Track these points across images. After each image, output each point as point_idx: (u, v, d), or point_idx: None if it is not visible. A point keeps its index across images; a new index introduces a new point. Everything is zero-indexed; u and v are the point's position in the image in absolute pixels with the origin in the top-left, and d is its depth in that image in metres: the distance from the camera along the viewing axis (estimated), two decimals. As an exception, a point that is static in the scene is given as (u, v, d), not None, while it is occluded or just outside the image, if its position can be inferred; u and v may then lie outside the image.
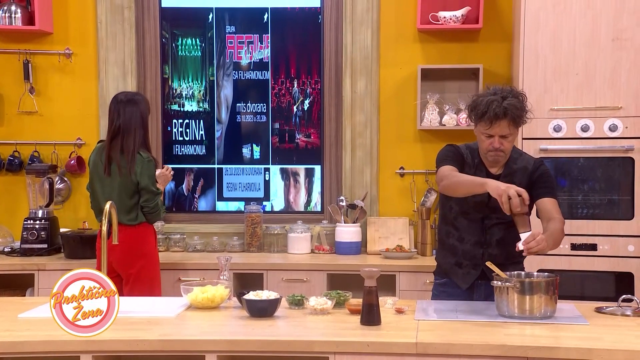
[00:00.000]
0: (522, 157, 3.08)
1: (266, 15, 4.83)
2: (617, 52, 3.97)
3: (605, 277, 4.04)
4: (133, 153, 3.84)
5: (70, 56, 4.76)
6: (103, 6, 4.71)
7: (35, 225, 4.45)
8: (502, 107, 2.85)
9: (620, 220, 4.02)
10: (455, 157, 3.05)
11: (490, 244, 3.03)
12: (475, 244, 3.04)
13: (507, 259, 3.00)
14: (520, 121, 2.91)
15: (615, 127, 4.00)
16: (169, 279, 4.17)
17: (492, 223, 3.02)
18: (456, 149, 3.09)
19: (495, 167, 3.03)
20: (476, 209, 3.02)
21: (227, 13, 4.87)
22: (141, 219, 3.90)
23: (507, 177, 3.00)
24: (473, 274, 3.06)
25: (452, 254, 3.11)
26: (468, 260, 3.06)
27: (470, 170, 3.02)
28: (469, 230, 3.05)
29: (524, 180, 3.00)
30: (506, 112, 2.85)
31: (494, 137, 2.91)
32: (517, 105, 2.87)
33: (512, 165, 3.03)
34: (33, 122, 4.78)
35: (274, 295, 2.82)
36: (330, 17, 4.77)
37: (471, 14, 4.48)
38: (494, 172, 3.03)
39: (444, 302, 3.03)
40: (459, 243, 3.08)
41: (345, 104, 4.69)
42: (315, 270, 4.19)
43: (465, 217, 3.05)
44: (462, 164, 3.03)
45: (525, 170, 3.03)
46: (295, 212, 4.85)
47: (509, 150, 2.98)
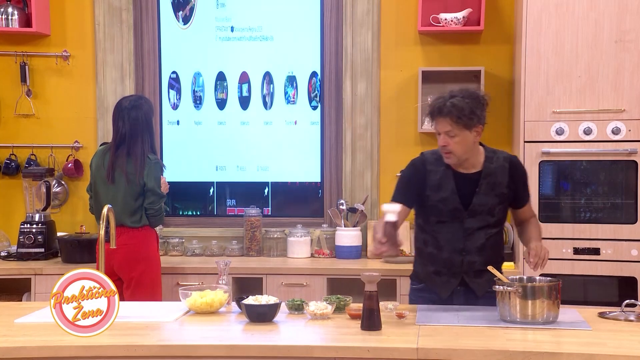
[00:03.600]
0: (496, 155, 3.03)
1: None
2: (620, 54, 3.94)
3: (609, 281, 4.00)
4: (142, 158, 3.83)
5: (67, 58, 4.73)
6: (101, 8, 4.69)
7: (32, 229, 4.42)
8: (443, 104, 2.85)
9: (623, 224, 3.98)
10: (407, 185, 3.02)
11: (470, 251, 2.99)
12: (453, 251, 2.99)
13: (485, 265, 2.95)
14: (463, 121, 2.84)
15: (619, 130, 3.97)
16: (167, 283, 4.14)
17: (472, 229, 2.98)
18: (411, 170, 3.04)
19: (462, 168, 2.97)
20: (453, 216, 2.97)
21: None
22: (145, 222, 3.89)
23: (487, 177, 2.98)
24: (453, 282, 3.02)
25: (431, 263, 3.05)
26: (447, 269, 3.01)
27: (435, 176, 2.97)
28: (448, 238, 2.99)
29: (505, 179, 2.99)
30: (442, 109, 2.84)
31: (441, 134, 2.90)
32: (460, 104, 2.83)
33: (490, 165, 2.99)
34: (30, 125, 4.76)
35: (274, 300, 2.79)
36: (330, 19, 4.74)
37: (472, 16, 4.45)
38: (465, 172, 2.97)
39: (445, 307, 3.00)
40: (437, 251, 3.02)
41: (346, 107, 4.67)
42: (315, 275, 4.16)
43: (443, 225, 2.99)
44: (421, 181, 2.98)
45: (504, 169, 2.99)
46: (295, 216, 4.81)
47: (460, 152, 2.90)
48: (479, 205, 2.96)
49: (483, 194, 2.96)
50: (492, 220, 2.99)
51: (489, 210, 2.97)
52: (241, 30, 4.84)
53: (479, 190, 2.96)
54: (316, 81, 4.82)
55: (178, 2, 4.87)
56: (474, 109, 2.86)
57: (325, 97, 4.79)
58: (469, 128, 2.86)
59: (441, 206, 2.96)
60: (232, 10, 4.84)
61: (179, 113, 4.91)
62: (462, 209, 2.95)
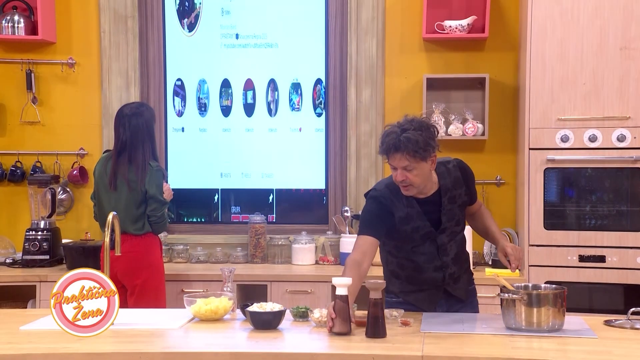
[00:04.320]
0: (446, 167, 2.99)
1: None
2: (625, 61, 3.93)
3: (614, 289, 3.99)
4: (144, 166, 3.84)
5: (73, 66, 4.75)
6: (106, 16, 4.70)
7: (37, 236, 4.42)
8: (397, 139, 2.79)
9: (629, 231, 3.97)
10: (374, 219, 2.92)
11: (448, 264, 3.01)
12: (434, 270, 3.00)
13: (462, 271, 3.05)
14: (419, 154, 2.78)
15: (624, 137, 3.96)
16: (172, 290, 4.14)
17: (444, 244, 2.99)
18: (376, 205, 2.93)
19: (421, 194, 2.93)
20: (426, 237, 2.96)
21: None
22: (147, 229, 3.89)
23: (446, 193, 2.95)
24: (437, 295, 3.04)
25: (411, 283, 3.04)
26: (429, 285, 3.02)
27: (400, 210, 2.92)
28: (425, 259, 2.99)
29: (462, 188, 2.99)
30: (399, 144, 2.77)
31: (397, 169, 2.84)
32: (414, 138, 2.76)
33: (445, 182, 2.96)
34: (35, 132, 4.77)
35: (278, 307, 2.79)
36: (335, 25, 4.75)
37: (477, 23, 4.45)
38: (425, 197, 2.93)
39: (450, 314, 2.99)
40: (417, 273, 3.01)
41: (350, 114, 4.67)
42: (320, 282, 4.16)
43: (418, 248, 2.98)
44: (388, 216, 2.91)
45: (458, 179, 2.99)
46: (300, 223, 4.81)
47: (419, 183, 2.85)
48: (447, 221, 2.97)
49: (448, 210, 2.96)
50: (459, 229, 3.04)
51: (457, 222, 3.01)
52: (246, 37, 4.86)
53: (444, 209, 2.96)
54: (321, 88, 4.83)
55: (183, 10, 4.89)
56: (428, 140, 2.81)
57: (329, 104, 4.79)
58: (425, 159, 2.82)
59: (414, 234, 2.96)
60: (237, 18, 4.86)
61: (183, 120, 4.92)
62: (434, 230, 2.96)
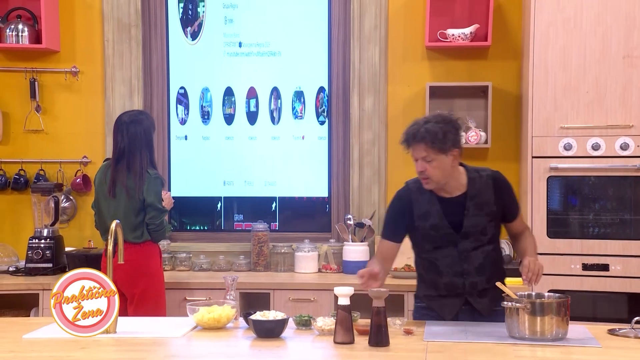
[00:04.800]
0: (479, 174, 3.02)
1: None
2: (628, 69, 3.94)
3: (618, 298, 3.98)
4: (142, 174, 3.83)
5: (76, 74, 4.76)
6: (110, 24, 4.72)
7: (40, 244, 4.42)
8: (418, 130, 2.87)
9: (632, 240, 3.96)
10: (395, 219, 3.05)
11: (470, 272, 2.99)
12: (454, 275, 2.99)
13: (488, 284, 2.98)
14: (438, 145, 2.85)
15: (627, 145, 3.96)
16: (174, 298, 4.14)
17: (467, 251, 2.98)
18: (397, 203, 3.05)
19: (445, 193, 2.97)
20: (447, 240, 2.98)
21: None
22: (146, 237, 3.88)
23: (473, 198, 2.97)
24: (456, 303, 3.03)
25: (433, 288, 3.06)
26: (449, 292, 3.02)
27: (420, 205, 2.98)
28: (446, 263, 3.00)
29: (491, 197, 2.98)
30: (416, 135, 2.86)
31: (418, 160, 2.91)
32: (433, 129, 2.84)
33: (474, 186, 2.98)
34: (39, 141, 4.78)
35: (281, 315, 2.78)
36: (338, 34, 4.76)
37: (480, 32, 4.46)
38: (449, 196, 2.97)
39: (454, 322, 2.98)
40: (438, 277, 3.03)
41: (353, 122, 4.67)
42: (323, 290, 4.15)
43: (440, 251, 3.00)
44: (408, 212, 3.00)
45: (488, 187, 2.99)
46: (302, 231, 4.81)
47: (437, 177, 2.90)
48: (470, 227, 2.96)
49: (472, 216, 2.96)
50: (485, 239, 3.00)
51: (482, 230, 2.98)
52: (249, 45, 4.87)
53: (467, 212, 2.96)
54: (324, 96, 4.84)
55: (187, 18, 4.90)
56: (447, 132, 2.87)
57: (332, 112, 4.80)
58: (445, 152, 2.87)
59: (433, 233, 2.98)
60: (240, 26, 4.87)
61: (186, 128, 4.92)
62: (454, 232, 2.96)
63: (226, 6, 4.88)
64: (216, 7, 4.88)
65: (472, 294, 3.00)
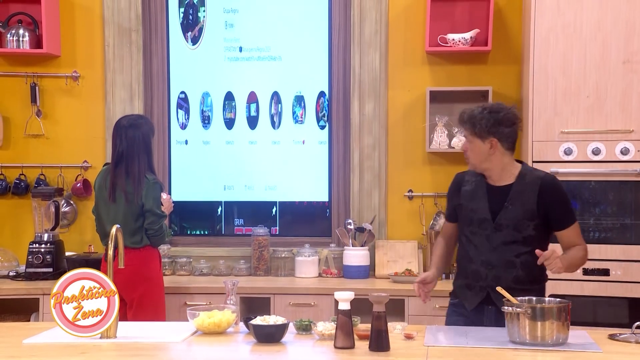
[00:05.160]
0: (532, 173, 3.08)
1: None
2: (628, 74, 3.94)
3: (619, 303, 3.97)
4: (139, 178, 3.83)
5: (77, 79, 4.76)
6: (111, 29, 4.72)
7: (40, 248, 4.43)
8: (465, 113, 3.05)
9: (633, 244, 3.96)
10: (450, 200, 3.23)
11: (496, 265, 3.01)
12: (481, 264, 3.04)
13: (516, 283, 2.96)
14: (476, 131, 3.00)
15: (627, 150, 3.96)
16: (175, 303, 4.14)
17: (498, 243, 3.01)
18: (452, 183, 3.21)
19: (492, 180, 3.07)
20: (481, 227, 3.05)
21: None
22: (146, 242, 3.89)
23: (517, 192, 3.01)
24: (479, 295, 3.05)
25: (464, 276, 3.12)
26: (475, 282, 3.06)
27: (469, 186, 3.12)
28: (476, 251, 3.06)
29: (534, 197, 2.99)
30: (462, 117, 3.06)
31: (465, 140, 3.12)
32: (477, 115, 3.00)
33: (522, 181, 3.03)
34: (39, 145, 4.78)
35: (282, 320, 2.78)
36: (339, 39, 4.77)
37: (480, 36, 4.46)
38: (496, 185, 3.06)
39: (454, 327, 2.98)
40: (467, 264, 3.10)
41: (353, 127, 4.68)
42: (323, 295, 4.15)
43: (474, 237, 3.07)
44: (457, 192, 3.16)
45: (534, 187, 3.01)
46: (303, 236, 4.81)
47: (473, 159, 3.06)
48: (505, 218, 3.00)
49: (511, 208, 3.00)
50: (519, 237, 2.99)
51: (515, 226, 2.99)
52: (249, 50, 4.87)
53: (508, 204, 3.01)
54: (324, 101, 4.84)
55: (187, 23, 4.91)
56: (487, 121, 2.98)
57: (333, 116, 4.80)
58: (482, 138, 3.00)
59: (472, 215, 3.07)
60: (240, 31, 4.88)
61: (187, 133, 4.93)
62: (490, 220, 3.02)
63: (227, 11, 4.89)
64: (217, 11, 4.89)
65: (493, 287, 2.92)
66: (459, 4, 4.55)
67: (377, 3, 4.61)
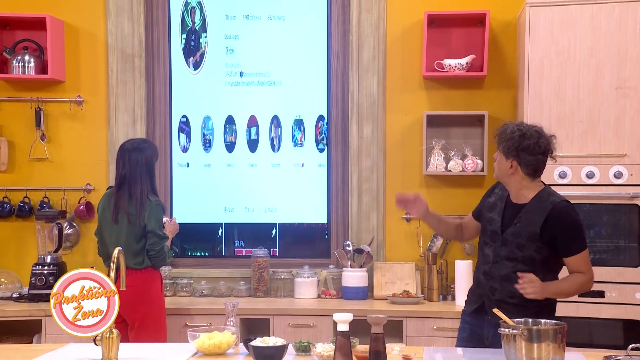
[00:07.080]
0: (548, 197, 3.08)
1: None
2: (620, 100, 4.01)
3: (614, 324, 4.01)
4: (142, 200, 3.89)
5: (81, 104, 4.83)
6: (114, 55, 4.80)
7: (43, 270, 4.46)
8: (498, 129, 3.15)
9: (627, 267, 4.01)
10: (481, 201, 3.32)
11: (493, 277, 3.11)
12: (483, 273, 3.16)
13: (506, 297, 3.06)
14: (501, 148, 3.09)
15: (620, 174, 4.02)
16: (175, 324, 4.17)
17: (500, 257, 3.10)
18: (488, 190, 3.32)
19: (514, 197, 3.14)
20: (492, 239, 3.15)
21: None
22: (147, 263, 3.92)
23: (528, 212, 3.06)
24: (477, 301, 3.18)
25: (475, 282, 3.26)
26: (476, 288, 3.21)
27: (493, 197, 3.22)
28: (484, 259, 3.18)
29: (540, 221, 3.02)
30: (498, 130, 3.16)
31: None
32: (507, 135, 3.08)
33: (535, 203, 3.08)
34: (43, 169, 4.84)
35: (281, 341, 2.82)
36: (337, 64, 4.84)
37: (476, 62, 4.54)
38: (515, 201, 3.14)
39: (452, 349, 3.03)
40: (476, 269, 3.24)
41: (352, 150, 4.74)
42: (322, 316, 4.19)
43: (485, 246, 3.18)
44: (485, 199, 3.28)
45: (543, 211, 3.04)
46: (302, 257, 4.86)
47: (496, 172, 3.15)
48: (511, 235, 3.08)
49: (518, 226, 3.07)
50: (519, 255, 3.05)
51: (518, 244, 3.05)
52: (250, 75, 4.95)
53: (517, 221, 3.08)
54: (323, 124, 4.91)
55: (189, 49, 4.99)
56: (513, 143, 3.05)
57: (332, 140, 4.87)
58: (505, 156, 3.09)
59: (487, 225, 3.17)
60: (241, 56, 4.96)
61: (188, 156, 4.99)
62: (500, 233, 3.10)
63: (228, 37, 4.97)
64: (218, 38, 4.97)
65: (490, 299, 3.09)
66: (455, 31, 4.63)
67: (375, 29, 4.70)
